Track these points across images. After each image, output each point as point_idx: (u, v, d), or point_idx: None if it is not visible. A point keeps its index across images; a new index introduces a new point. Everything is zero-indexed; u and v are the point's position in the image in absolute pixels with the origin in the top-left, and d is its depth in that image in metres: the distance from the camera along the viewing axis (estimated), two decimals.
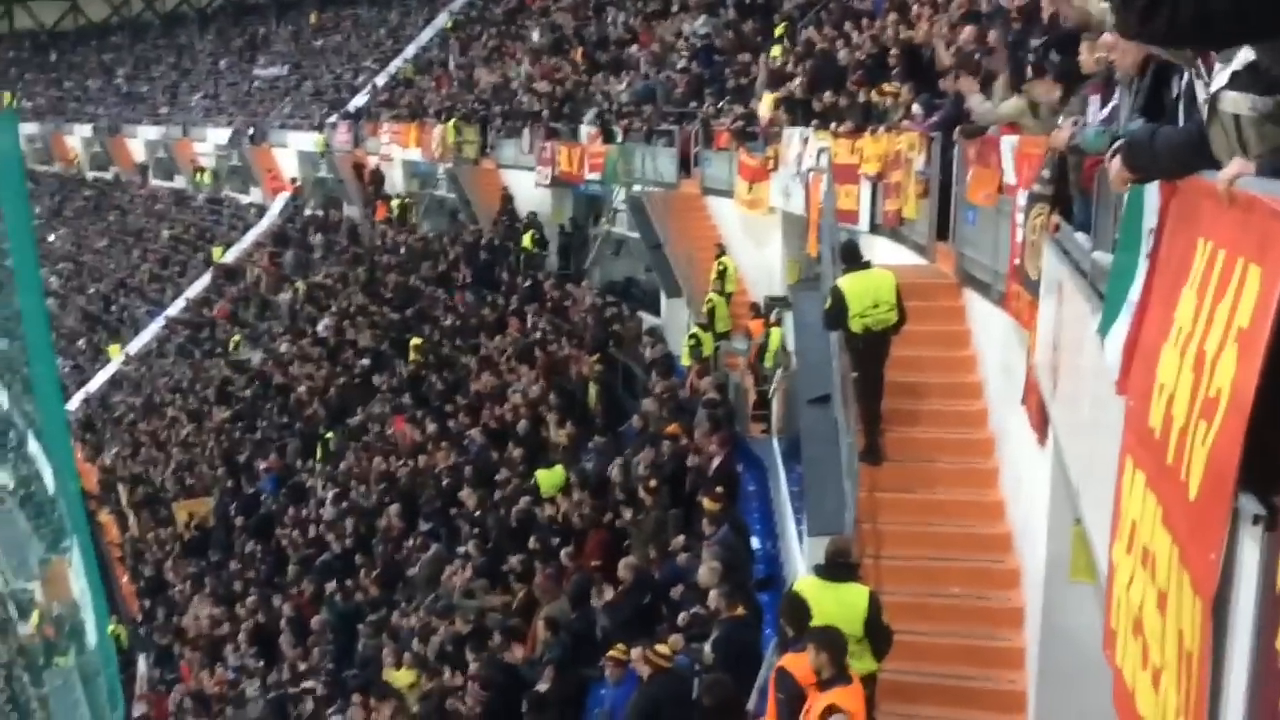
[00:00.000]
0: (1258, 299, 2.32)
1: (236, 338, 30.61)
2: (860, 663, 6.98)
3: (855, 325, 9.51)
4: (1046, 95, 7.92)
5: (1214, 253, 2.74)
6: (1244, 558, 2.40)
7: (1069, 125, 6.03)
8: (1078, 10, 7.81)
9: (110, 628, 24.07)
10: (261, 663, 16.44)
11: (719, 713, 6.75)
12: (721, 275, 17.34)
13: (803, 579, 7.25)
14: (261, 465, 22.83)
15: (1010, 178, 8.36)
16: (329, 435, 21.78)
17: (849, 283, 9.62)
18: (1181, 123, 3.70)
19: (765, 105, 17.40)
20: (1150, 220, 3.68)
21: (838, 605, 6.95)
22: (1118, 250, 4.34)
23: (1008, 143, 8.51)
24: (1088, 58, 5.50)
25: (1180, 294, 2.99)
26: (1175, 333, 2.97)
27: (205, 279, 37.36)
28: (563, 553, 12.14)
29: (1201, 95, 3.10)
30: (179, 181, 46.77)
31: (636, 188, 21.01)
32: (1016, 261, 7.90)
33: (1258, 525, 2.28)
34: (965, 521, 9.17)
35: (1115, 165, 3.78)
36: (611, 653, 9.25)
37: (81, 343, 41.03)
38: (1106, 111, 5.47)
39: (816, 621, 6.70)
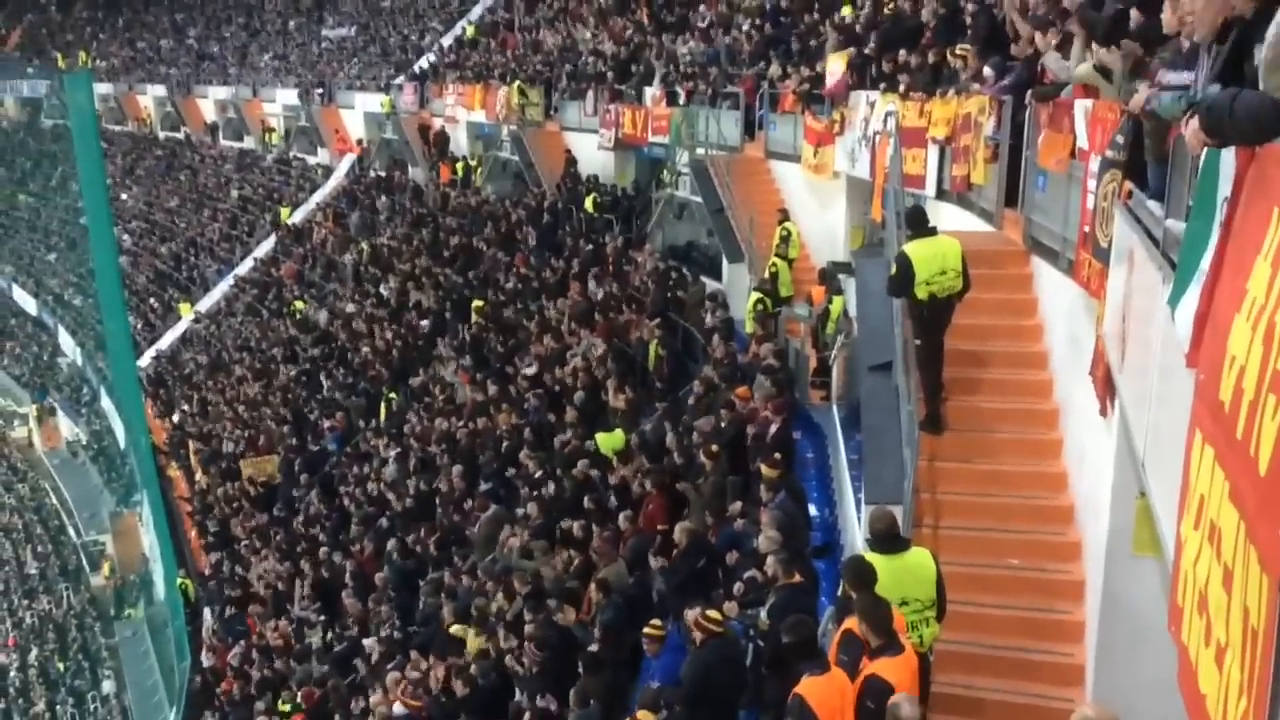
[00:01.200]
0: None
1: (298, 303, 31.03)
2: (930, 630, 6.96)
3: (921, 292, 9.38)
4: (1118, 62, 7.71)
5: None
6: None
7: (1146, 90, 5.86)
8: None
9: (178, 580, 24.73)
10: (324, 617, 16.78)
11: (798, 650, 6.75)
12: (785, 240, 17.19)
13: (867, 555, 7.22)
14: (326, 424, 23.20)
15: (1083, 142, 8.17)
16: (392, 395, 22.05)
17: (916, 249, 9.48)
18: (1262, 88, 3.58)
19: (838, 62, 17.13)
20: (1225, 188, 3.57)
21: (906, 574, 6.93)
22: (1191, 218, 4.22)
23: (1081, 107, 8.31)
24: (1170, 16, 5.32)
25: (1254, 264, 2.90)
26: (1248, 304, 2.88)
27: (273, 239, 37.89)
28: (621, 516, 12.21)
29: None
30: (248, 142, 47.39)
31: (700, 151, 20.88)
32: (1087, 229, 7.73)
33: None
34: (1027, 493, 9.05)
35: (1193, 127, 3.67)
36: (647, 629, 9.38)
37: (153, 300, 41.90)
38: (1185, 78, 5.31)
39: (881, 592, 6.68)
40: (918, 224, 9.90)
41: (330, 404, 24.15)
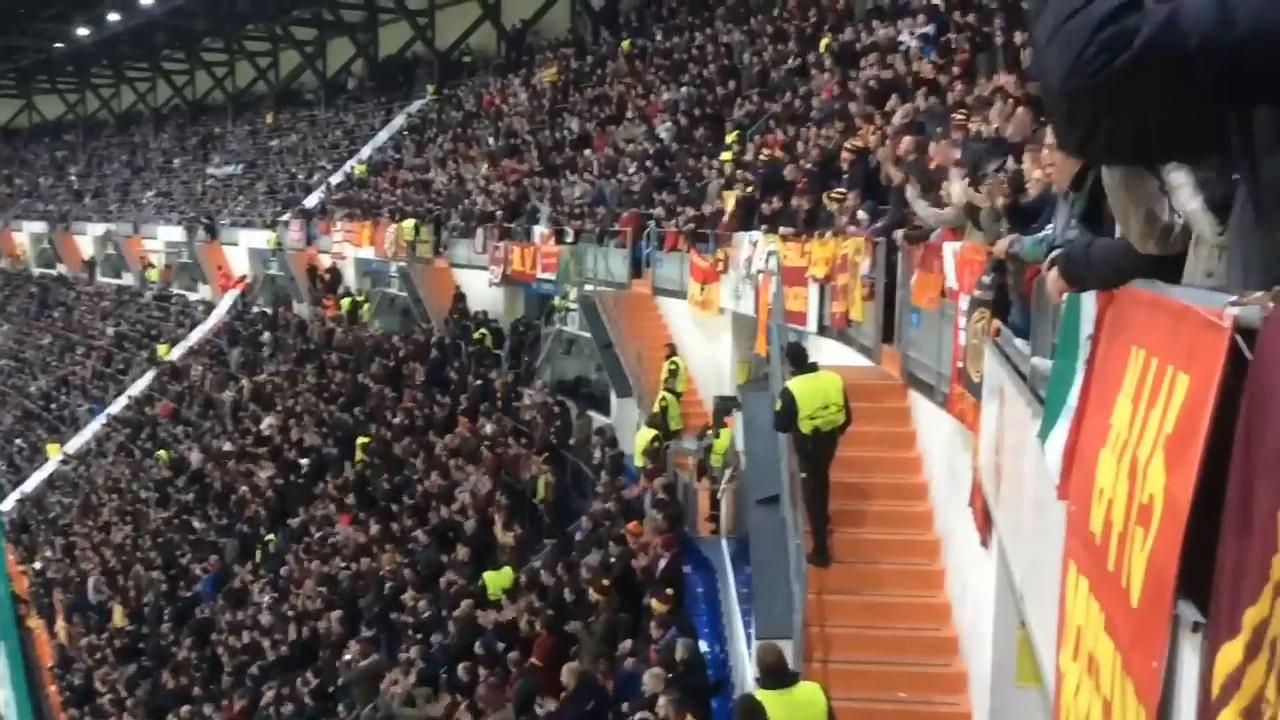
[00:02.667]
0: (1185, 406, 2.35)
1: (162, 452, 29.99)
2: None
3: (805, 426, 9.55)
4: (986, 203, 8.12)
5: (1147, 360, 2.78)
6: (1184, 666, 2.38)
7: (1009, 235, 6.17)
8: (1019, 124, 8.06)
9: None
10: None
11: None
12: (673, 374, 17.39)
13: (757, 692, 7.14)
14: (199, 568, 22.28)
15: (952, 282, 8.50)
16: (270, 537, 21.34)
17: (799, 384, 9.68)
18: (1118, 234, 3.79)
19: (728, 203, 17.67)
20: (1087, 327, 3.74)
21: (797, 709, 6.87)
22: (1056, 356, 4.40)
23: (949, 249, 8.68)
24: (1030, 169, 5.67)
25: (1116, 400, 3.02)
26: (1112, 439, 2.99)
27: (149, 376, 36.88)
28: (509, 658, 11.89)
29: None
30: (127, 279, 46.45)
31: (589, 287, 21.16)
32: (960, 364, 8.00)
33: (1197, 633, 2.27)
34: (912, 624, 9.11)
35: (1053, 275, 3.85)
36: None
37: (19, 441, 40.17)
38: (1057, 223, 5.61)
39: None
40: (799, 360, 10.13)
41: (204, 546, 23.24)
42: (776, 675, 7.09)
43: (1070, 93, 1.57)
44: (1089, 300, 3.81)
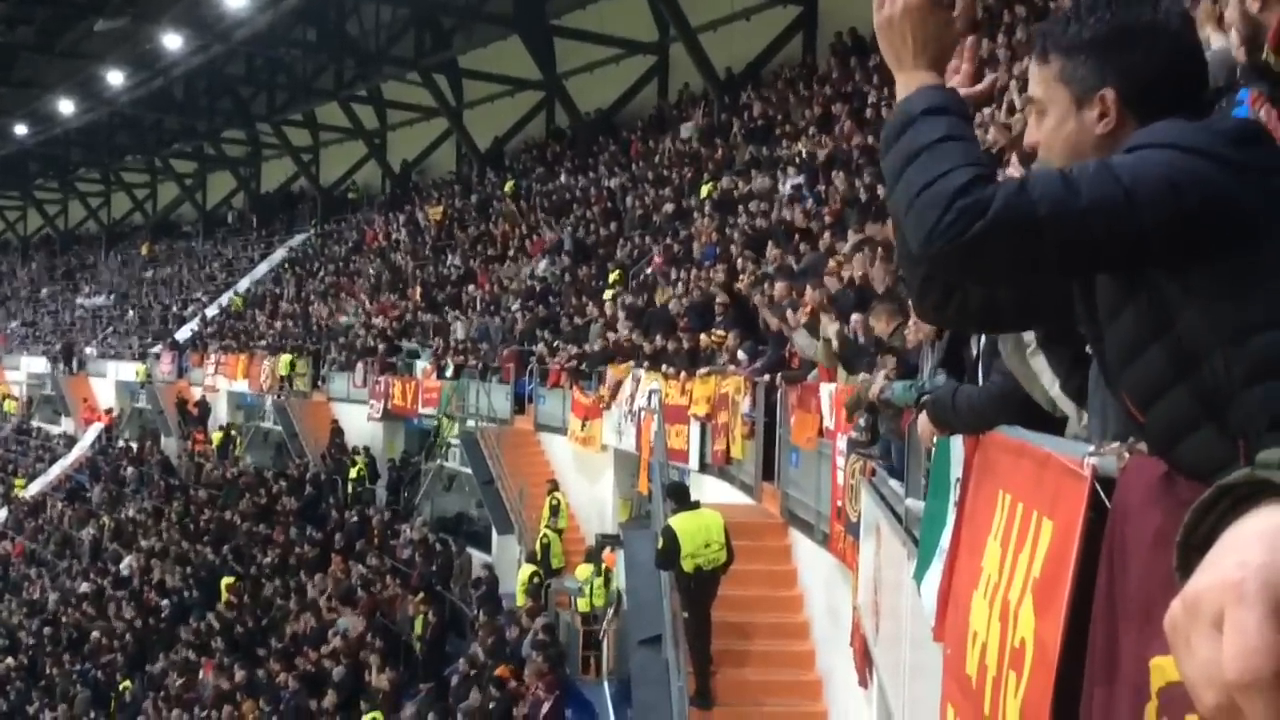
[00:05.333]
0: (1050, 551, 2.43)
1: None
2: None
3: (687, 565, 9.52)
4: (835, 334, 8.39)
5: (1013, 505, 2.87)
6: None
7: (880, 379, 6.37)
8: (880, 273, 8.41)
9: None
10: None
11: None
12: (555, 511, 17.24)
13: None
14: (49, 717, 20.86)
15: (829, 422, 8.70)
16: (126, 684, 20.17)
17: (681, 521, 9.69)
18: (981, 380, 3.95)
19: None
20: (956, 470, 3.86)
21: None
22: (929, 497, 4.51)
23: (826, 390, 8.90)
24: (881, 327, 5.93)
25: (986, 543, 3.10)
26: (984, 582, 3.06)
27: (3, 513, 35.02)
28: None
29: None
30: None
31: (470, 423, 20.99)
32: (839, 503, 8.13)
33: None
34: None
35: (923, 420, 3.97)
36: None
37: None
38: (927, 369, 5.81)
39: None
40: (681, 497, 10.17)
41: (55, 694, 21.79)
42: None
43: (928, 258, 1.66)
44: (957, 444, 3.94)
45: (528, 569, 15.64)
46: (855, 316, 8.68)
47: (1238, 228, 1.58)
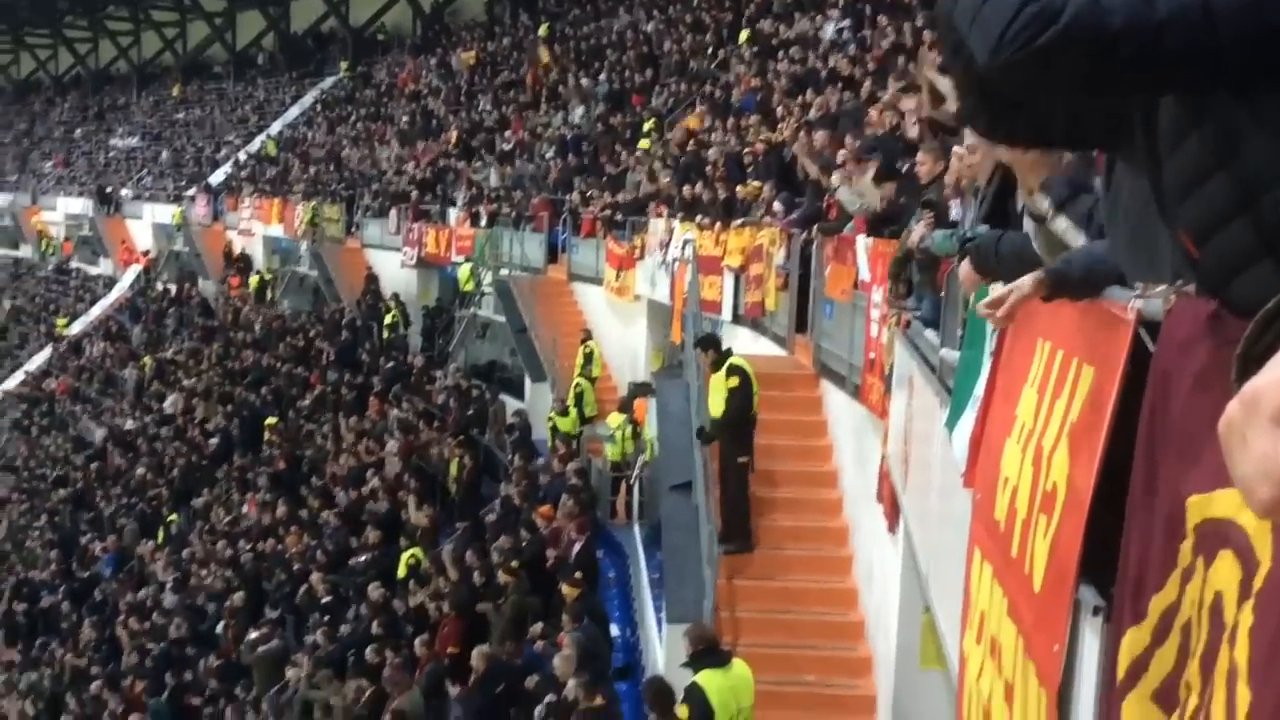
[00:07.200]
0: (1088, 398, 2.44)
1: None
2: None
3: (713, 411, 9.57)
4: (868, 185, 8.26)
5: (1052, 352, 2.87)
6: (1085, 649, 2.47)
7: (920, 228, 6.30)
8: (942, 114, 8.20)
9: None
10: None
11: None
12: (588, 360, 17.40)
13: (702, 675, 7.16)
14: (99, 546, 21.71)
15: (865, 275, 8.65)
16: (172, 518, 20.88)
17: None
18: (1025, 228, 3.90)
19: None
20: None
21: (740, 683, 6.98)
22: (964, 347, 4.51)
23: (862, 242, 8.82)
24: (928, 167, 5.81)
25: (1021, 391, 3.11)
26: (1017, 429, 3.08)
27: (47, 352, 35.74)
28: (417, 641, 11.81)
29: (1044, 204, 3.28)
30: (24, 250, 44.90)
31: (504, 272, 21.03)
32: (871, 355, 8.15)
33: (1098, 616, 2.35)
34: (820, 609, 9.27)
35: (965, 268, 3.94)
36: None
37: None
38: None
39: (719, 711, 6.72)
40: (711, 347, 10.18)
41: (104, 525, 22.63)
42: (715, 654, 7.16)
43: (994, 69, 1.60)
44: (996, 292, 3.91)
45: (562, 418, 15.92)
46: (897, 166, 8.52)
47: None
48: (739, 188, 14.16)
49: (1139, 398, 2.06)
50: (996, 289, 3.86)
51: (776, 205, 12.22)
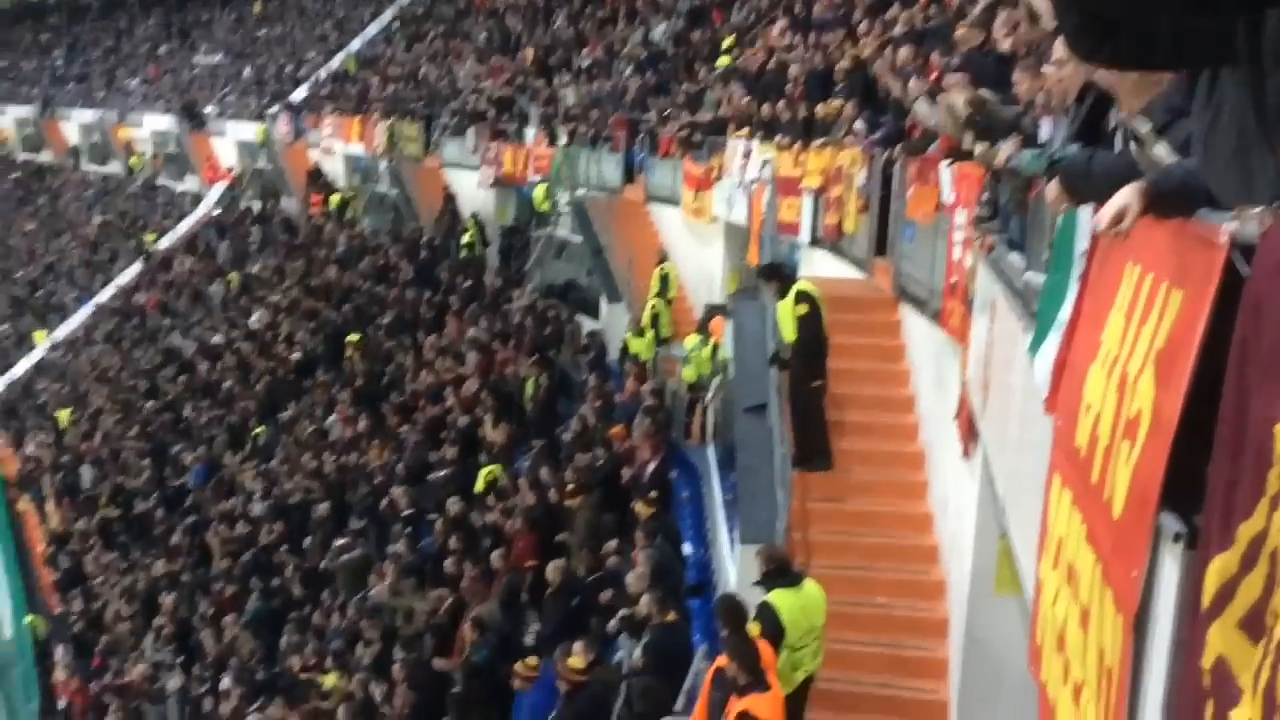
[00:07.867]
0: (1177, 322, 2.39)
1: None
2: (819, 659, 7.08)
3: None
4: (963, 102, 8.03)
5: (1141, 276, 2.80)
6: (1164, 576, 2.45)
7: (1008, 147, 6.15)
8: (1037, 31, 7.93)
9: (27, 618, 23.47)
10: (181, 658, 16.15)
11: (648, 717, 6.82)
12: (664, 281, 17.38)
13: (774, 594, 7.25)
14: (189, 457, 22.45)
15: (948, 197, 8.49)
16: (259, 430, 21.47)
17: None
18: (1118, 149, 3.79)
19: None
20: (1082, 243, 3.76)
21: (811, 603, 7.07)
22: (1050, 271, 4.43)
23: (945, 163, 8.64)
24: (1026, 85, 5.63)
25: (1108, 316, 3.06)
26: (1103, 354, 3.03)
27: (136, 266, 36.66)
28: (494, 554, 12.09)
29: (1144, 128, 3.18)
30: (113, 167, 45.85)
31: (580, 191, 20.99)
32: (953, 279, 8.02)
33: (1178, 543, 2.33)
34: (893, 532, 9.28)
35: (1053, 187, 3.85)
36: (518, 667, 9.33)
37: (6, 327, 40.03)
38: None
39: (790, 629, 6.82)
40: (776, 276, 10.10)
41: (194, 436, 23.38)
42: (786, 574, 7.23)
43: None
44: (1085, 215, 3.82)
45: (638, 339, 15.98)
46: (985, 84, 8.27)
47: None
48: (819, 106, 13.89)
49: (1228, 323, 2.01)
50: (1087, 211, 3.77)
51: (858, 125, 11.98)
